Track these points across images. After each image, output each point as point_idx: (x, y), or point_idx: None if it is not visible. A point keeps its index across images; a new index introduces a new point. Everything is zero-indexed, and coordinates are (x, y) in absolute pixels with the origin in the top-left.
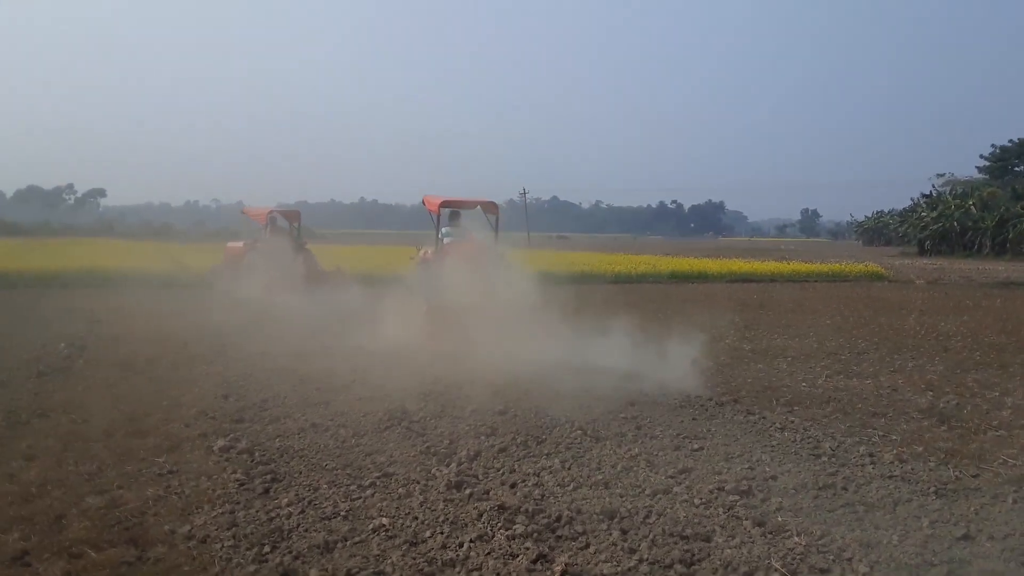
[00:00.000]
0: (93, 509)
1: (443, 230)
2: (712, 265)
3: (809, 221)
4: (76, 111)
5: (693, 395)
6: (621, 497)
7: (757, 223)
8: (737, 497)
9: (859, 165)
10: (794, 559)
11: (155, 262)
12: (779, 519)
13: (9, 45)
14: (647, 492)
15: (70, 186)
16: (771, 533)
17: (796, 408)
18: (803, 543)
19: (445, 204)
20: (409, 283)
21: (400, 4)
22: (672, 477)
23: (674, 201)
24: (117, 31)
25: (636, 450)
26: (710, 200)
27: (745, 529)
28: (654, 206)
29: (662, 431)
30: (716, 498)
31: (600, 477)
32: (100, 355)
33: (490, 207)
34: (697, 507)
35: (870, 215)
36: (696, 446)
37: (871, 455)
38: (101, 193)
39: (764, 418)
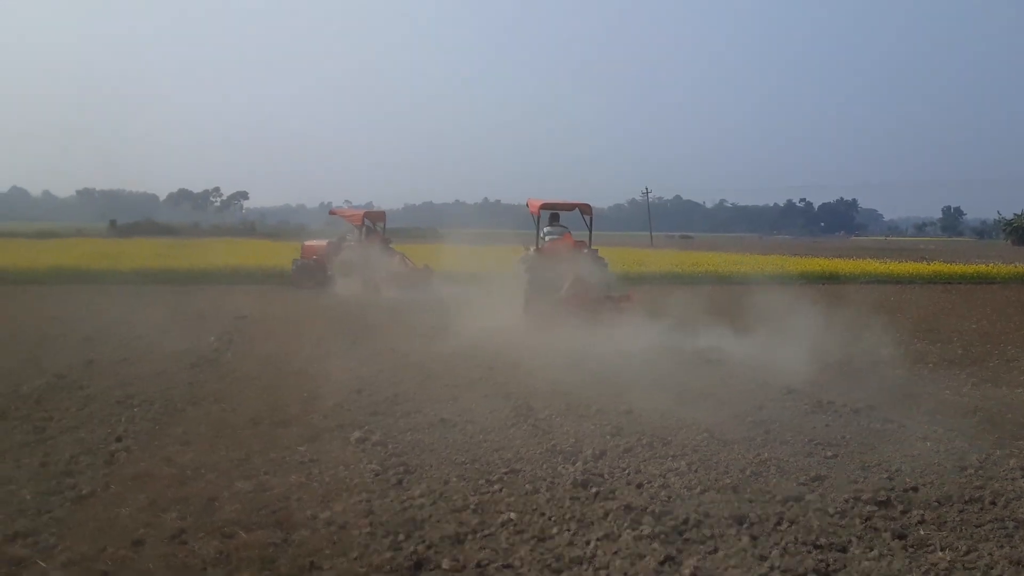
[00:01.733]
0: (243, 493)
1: (544, 229)
2: (844, 265)
3: (951, 219)
4: (222, 117)
5: (825, 400)
6: (751, 502)
7: (893, 221)
8: (875, 508)
9: (1008, 160)
10: (937, 575)
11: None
12: (921, 532)
13: (163, 58)
14: (778, 499)
15: (216, 189)
16: (912, 547)
17: (939, 417)
18: (947, 558)
19: (545, 206)
20: (514, 278)
21: (532, 6)
22: (804, 484)
23: (803, 199)
24: (255, 40)
25: (765, 455)
26: (841, 198)
27: (884, 541)
28: (781, 204)
29: (793, 436)
30: (852, 508)
31: (728, 481)
32: (245, 348)
33: (585, 208)
34: (832, 516)
35: (1020, 212)
36: (830, 453)
37: (1023, 469)
38: (244, 196)
39: (904, 427)
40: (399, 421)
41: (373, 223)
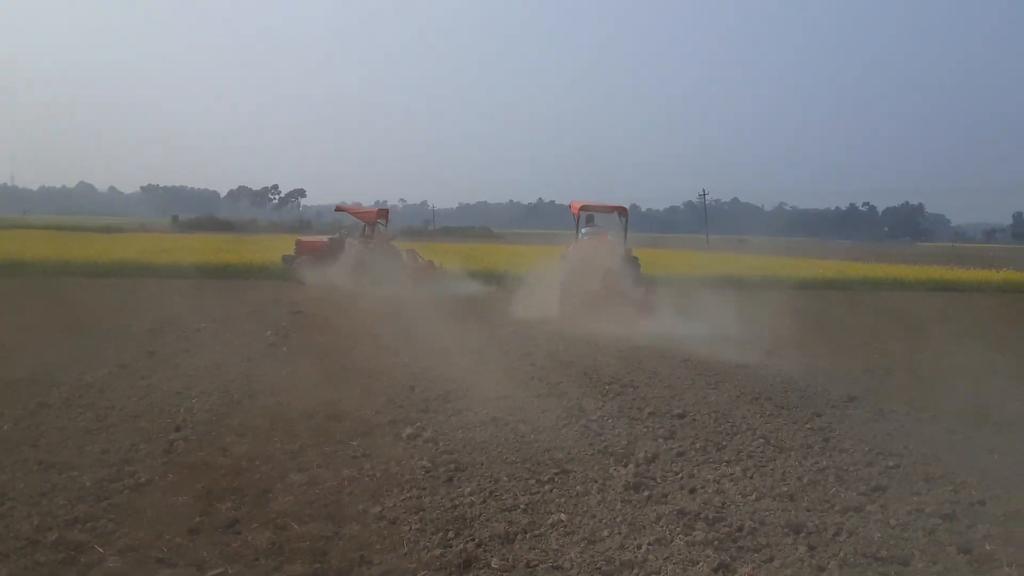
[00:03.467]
0: (296, 485)
1: (582, 230)
2: (909, 272)
3: (1023, 225)
4: (281, 117)
5: (888, 409)
6: (808, 511)
7: (961, 227)
8: (939, 521)
9: None
10: None
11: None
12: (987, 548)
13: (223, 60)
14: (836, 508)
15: (275, 187)
16: (978, 562)
17: (1008, 430)
18: (1014, 575)
19: (584, 208)
20: (553, 273)
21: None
22: (865, 494)
23: (866, 203)
24: (315, 42)
25: (824, 463)
26: (907, 202)
27: (948, 555)
28: (843, 208)
29: (852, 445)
30: (915, 520)
31: (785, 489)
32: (301, 343)
33: (621, 211)
34: (893, 528)
35: None
36: (891, 463)
37: None
38: (301, 193)
39: (970, 438)
40: (450, 418)
41: (384, 221)
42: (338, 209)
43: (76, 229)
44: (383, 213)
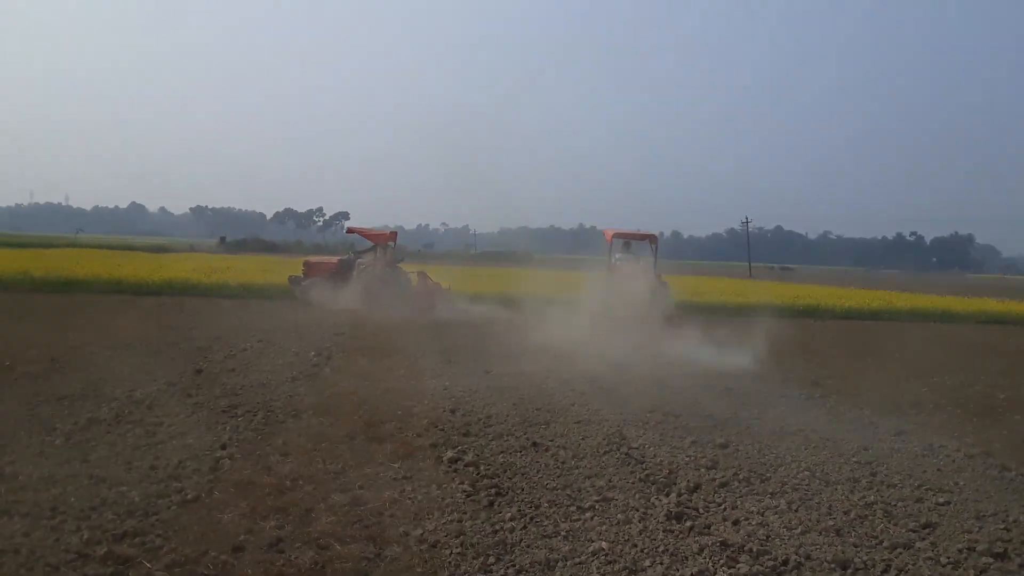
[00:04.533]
0: (338, 505)
1: (615, 256)
2: (958, 303)
3: None
4: (327, 143)
5: (937, 444)
6: (855, 547)
7: (1013, 259)
8: (991, 560)
9: None
10: None
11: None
12: None
13: (274, 91)
14: (885, 544)
15: (320, 209)
16: None
17: None
18: None
19: (616, 235)
20: (588, 296)
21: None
22: (914, 531)
23: (913, 232)
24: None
25: (872, 498)
26: (956, 232)
27: None
28: (890, 238)
29: (901, 480)
30: (966, 558)
31: (831, 523)
32: (343, 364)
33: (651, 239)
34: (944, 566)
35: None
36: (941, 499)
37: None
38: (345, 216)
39: (1023, 476)
40: (491, 443)
41: (393, 244)
42: (350, 231)
43: (127, 248)
44: (392, 236)
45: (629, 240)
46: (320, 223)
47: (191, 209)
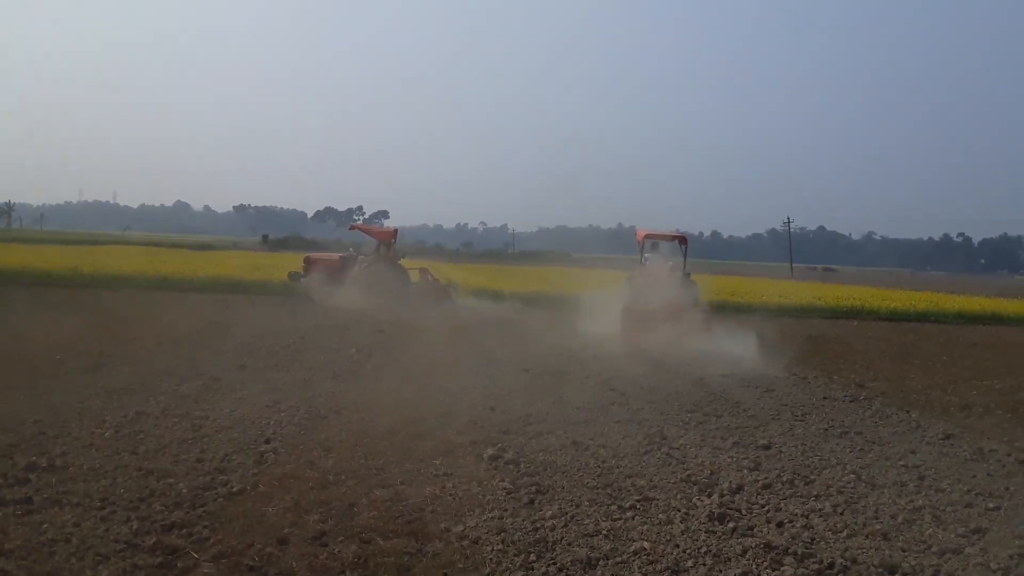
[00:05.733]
0: (380, 500)
1: (645, 255)
2: (1008, 306)
3: None
4: (367, 140)
5: (987, 448)
6: (903, 552)
7: None
8: None
9: None
10: None
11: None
12: None
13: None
14: (934, 550)
15: (360, 207)
16: None
17: None
18: None
19: (648, 236)
20: (620, 294)
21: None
22: (964, 536)
23: (960, 234)
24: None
25: (920, 502)
26: (1005, 234)
27: None
28: (936, 239)
29: (950, 485)
30: (1017, 565)
31: (878, 527)
32: (383, 361)
33: (681, 239)
34: (994, 572)
35: None
36: (992, 505)
37: None
38: (385, 215)
39: None
40: (531, 441)
41: (394, 241)
42: (352, 227)
43: (173, 246)
44: (393, 233)
45: (659, 240)
46: (360, 221)
47: (234, 207)
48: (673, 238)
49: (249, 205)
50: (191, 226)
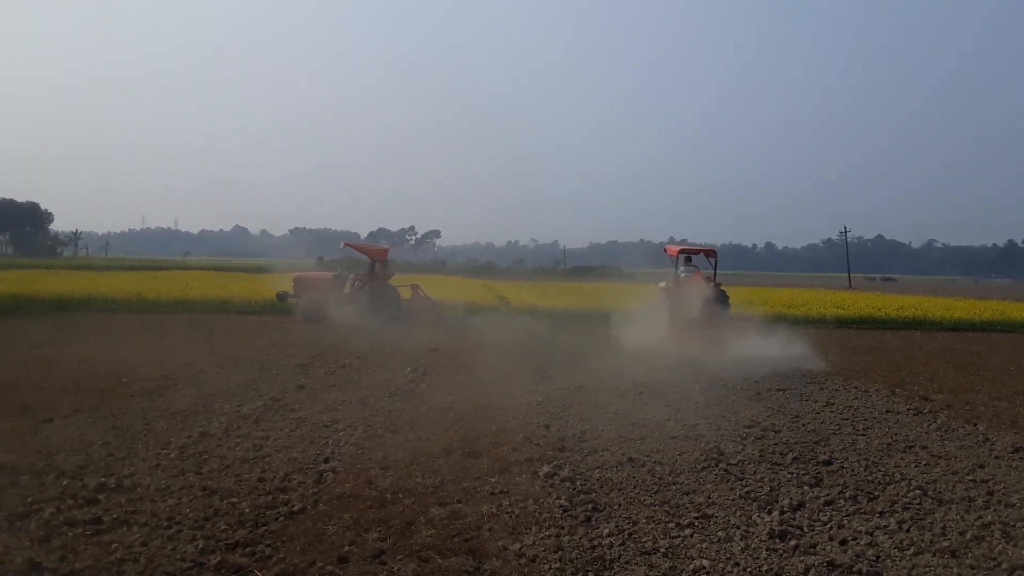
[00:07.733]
0: (438, 519)
1: (680, 269)
2: None
3: None
4: (420, 162)
5: None
6: (972, 569)
7: None
8: None
9: None
10: None
11: (478, 296)
12: None
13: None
14: (1004, 567)
15: (412, 228)
16: None
17: None
18: None
19: (681, 251)
20: (659, 306)
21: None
22: None
23: None
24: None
25: (989, 518)
26: None
27: None
28: (1001, 245)
29: (1021, 500)
30: None
31: (946, 544)
32: (438, 380)
33: (710, 253)
34: None
35: None
36: None
37: None
38: (436, 234)
39: None
40: (587, 458)
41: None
42: (345, 245)
43: (232, 269)
44: (385, 251)
45: (691, 255)
46: (412, 241)
47: (290, 231)
48: (703, 252)
49: (305, 228)
50: (249, 250)
